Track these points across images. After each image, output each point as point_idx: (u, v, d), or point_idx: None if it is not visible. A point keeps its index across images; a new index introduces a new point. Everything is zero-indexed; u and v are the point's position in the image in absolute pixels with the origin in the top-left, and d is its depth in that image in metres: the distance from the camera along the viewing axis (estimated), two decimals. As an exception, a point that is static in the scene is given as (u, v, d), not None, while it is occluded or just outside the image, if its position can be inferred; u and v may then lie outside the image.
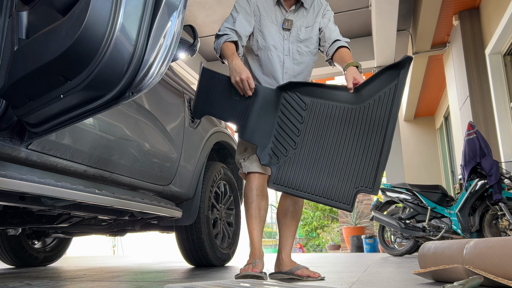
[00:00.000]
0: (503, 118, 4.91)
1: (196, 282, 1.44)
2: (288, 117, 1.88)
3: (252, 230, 1.95)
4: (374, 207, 4.83)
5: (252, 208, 1.96)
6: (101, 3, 1.03)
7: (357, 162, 1.77)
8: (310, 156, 1.82)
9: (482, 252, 1.37)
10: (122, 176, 2.00)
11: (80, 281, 1.94)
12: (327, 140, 1.83)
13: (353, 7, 6.07)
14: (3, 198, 1.63)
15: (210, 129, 2.87)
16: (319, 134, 1.83)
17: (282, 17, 2.10)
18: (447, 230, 4.21)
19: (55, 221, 2.31)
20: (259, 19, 2.07)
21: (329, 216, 15.85)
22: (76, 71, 1.10)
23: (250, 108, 1.88)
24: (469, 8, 5.47)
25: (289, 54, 2.08)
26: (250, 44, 2.11)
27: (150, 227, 2.94)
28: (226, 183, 3.09)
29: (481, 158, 3.98)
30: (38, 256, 3.31)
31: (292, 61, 2.08)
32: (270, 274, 2.01)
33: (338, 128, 1.82)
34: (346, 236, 8.82)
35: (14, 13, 1.28)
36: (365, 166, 1.76)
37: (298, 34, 2.11)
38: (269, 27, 2.07)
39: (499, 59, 5.04)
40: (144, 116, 2.13)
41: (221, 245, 2.96)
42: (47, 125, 1.27)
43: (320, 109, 1.86)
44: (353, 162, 1.78)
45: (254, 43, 2.09)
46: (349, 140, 1.80)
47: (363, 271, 2.37)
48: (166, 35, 1.11)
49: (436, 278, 1.63)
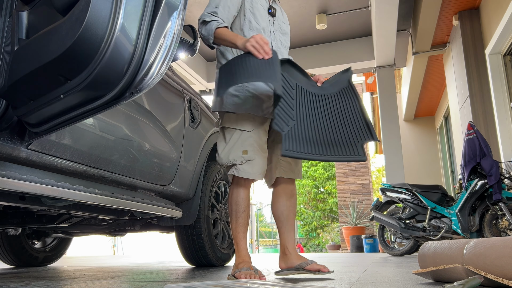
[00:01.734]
0: (503, 118, 4.91)
1: (196, 282, 1.44)
2: (284, 91, 1.89)
3: (242, 238, 1.92)
4: (374, 207, 4.83)
5: (243, 217, 1.91)
6: (101, 3, 1.03)
7: (349, 123, 1.95)
8: (308, 126, 1.90)
9: (482, 252, 1.37)
10: (122, 176, 2.00)
11: (80, 281, 1.94)
12: (319, 113, 1.93)
13: (353, 7, 6.07)
14: (3, 198, 1.63)
15: (210, 129, 2.88)
16: (310, 109, 1.94)
17: (267, 3, 2.07)
18: (447, 230, 4.21)
19: (55, 221, 2.31)
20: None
21: (329, 216, 15.86)
22: (76, 71, 1.10)
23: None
24: (469, 8, 5.48)
25: (275, 40, 2.06)
26: (241, 24, 2.01)
27: (150, 227, 2.94)
28: (226, 183, 3.09)
29: (481, 158, 3.98)
30: (38, 256, 3.31)
31: (277, 48, 2.06)
32: (279, 271, 2.00)
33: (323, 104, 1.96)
34: (346, 236, 8.82)
35: (14, 13, 1.28)
36: (357, 124, 1.95)
37: (280, 25, 2.09)
38: (260, 10, 2.03)
39: (499, 59, 5.04)
40: (144, 116, 2.13)
41: (221, 245, 2.96)
42: (47, 125, 1.27)
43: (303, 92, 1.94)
44: (346, 125, 1.95)
45: (246, 24, 2.00)
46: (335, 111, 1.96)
47: (363, 271, 2.37)
48: (166, 35, 1.11)
49: (436, 278, 1.63)
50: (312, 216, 16.82)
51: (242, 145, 1.91)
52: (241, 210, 1.91)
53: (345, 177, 11.32)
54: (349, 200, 10.80)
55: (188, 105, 2.61)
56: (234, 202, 1.93)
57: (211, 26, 1.87)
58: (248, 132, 1.92)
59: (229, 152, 1.91)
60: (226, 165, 1.93)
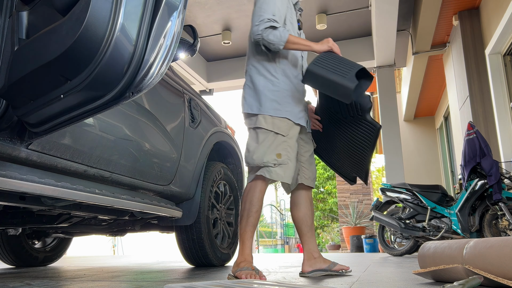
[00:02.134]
0: (503, 118, 4.91)
1: (196, 282, 1.44)
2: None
3: (249, 238, 1.96)
4: (374, 207, 4.83)
5: (254, 217, 1.96)
6: (101, 3, 1.03)
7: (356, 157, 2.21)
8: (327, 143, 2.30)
9: (482, 252, 1.37)
10: (122, 176, 2.00)
11: (80, 281, 1.94)
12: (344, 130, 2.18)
13: (353, 7, 6.07)
14: (3, 198, 1.63)
15: (210, 129, 2.87)
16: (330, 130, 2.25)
17: (296, 17, 2.20)
18: (447, 230, 4.21)
19: (55, 221, 2.31)
20: (290, 10, 2.12)
21: (329, 216, 15.86)
22: (76, 71, 1.10)
23: None
24: (469, 8, 5.48)
25: (302, 53, 2.19)
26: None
27: (150, 227, 2.94)
28: (226, 183, 3.09)
29: (481, 158, 3.98)
30: (38, 256, 3.31)
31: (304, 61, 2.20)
32: (308, 273, 2.09)
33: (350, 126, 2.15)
34: (346, 236, 8.82)
35: (14, 13, 1.28)
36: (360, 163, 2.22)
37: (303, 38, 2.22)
38: (293, 23, 2.14)
39: (499, 59, 5.04)
40: (144, 116, 2.13)
41: (221, 245, 2.96)
42: (47, 125, 1.27)
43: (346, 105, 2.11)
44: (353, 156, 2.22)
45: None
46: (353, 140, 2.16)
47: (363, 271, 2.37)
48: (166, 35, 1.11)
49: (436, 278, 1.63)
50: (312, 216, 16.81)
51: (276, 148, 1.96)
52: (254, 210, 1.95)
53: (345, 177, 11.30)
54: (349, 200, 10.79)
55: (188, 105, 2.61)
56: (249, 201, 1.97)
57: (284, 33, 1.95)
58: (283, 136, 1.98)
59: (263, 153, 1.96)
60: (257, 165, 1.97)
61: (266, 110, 1.99)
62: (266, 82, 2.02)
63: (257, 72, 2.05)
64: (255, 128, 2.02)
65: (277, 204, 22.10)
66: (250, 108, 2.03)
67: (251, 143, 2.02)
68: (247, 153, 2.02)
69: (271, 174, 1.95)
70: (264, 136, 1.97)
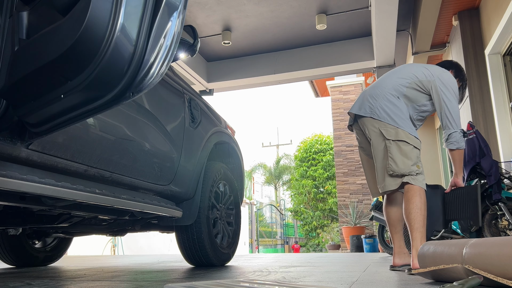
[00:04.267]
0: (502, 118, 4.91)
1: (196, 282, 1.44)
2: None
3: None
4: (374, 207, 4.83)
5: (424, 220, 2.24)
6: (101, 3, 1.03)
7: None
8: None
9: (482, 252, 1.38)
10: (123, 176, 2.00)
11: (80, 281, 1.95)
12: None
13: (353, 7, 6.07)
14: (4, 198, 1.64)
15: (210, 129, 2.88)
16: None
17: None
18: (447, 230, 4.21)
19: (55, 221, 2.31)
20: None
21: (329, 216, 15.86)
22: (77, 71, 1.10)
23: None
24: (468, 8, 5.48)
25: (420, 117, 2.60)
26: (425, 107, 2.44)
27: (150, 227, 2.94)
28: (226, 183, 3.09)
29: (480, 158, 3.98)
30: (39, 256, 3.31)
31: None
32: (399, 266, 2.32)
33: None
34: (346, 235, 8.83)
35: (14, 13, 1.28)
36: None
37: None
38: None
39: (499, 59, 5.04)
40: (144, 116, 2.13)
41: (221, 244, 2.96)
42: (47, 125, 1.27)
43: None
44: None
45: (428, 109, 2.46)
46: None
47: (363, 271, 2.37)
48: (166, 35, 1.11)
49: (435, 278, 1.63)
50: (312, 216, 16.82)
51: (416, 160, 2.29)
52: (425, 214, 2.25)
53: (345, 177, 11.32)
54: (349, 200, 10.80)
55: (188, 105, 2.61)
56: (420, 208, 2.23)
57: (463, 143, 2.39)
58: (419, 150, 2.33)
59: (408, 164, 2.26)
60: (403, 174, 2.27)
61: (413, 134, 2.33)
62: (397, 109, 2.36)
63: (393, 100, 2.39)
64: (398, 141, 2.30)
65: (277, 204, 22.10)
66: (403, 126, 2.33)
67: (395, 155, 2.30)
68: (392, 163, 2.30)
69: (416, 181, 2.26)
70: (408, 149, 2.29)
